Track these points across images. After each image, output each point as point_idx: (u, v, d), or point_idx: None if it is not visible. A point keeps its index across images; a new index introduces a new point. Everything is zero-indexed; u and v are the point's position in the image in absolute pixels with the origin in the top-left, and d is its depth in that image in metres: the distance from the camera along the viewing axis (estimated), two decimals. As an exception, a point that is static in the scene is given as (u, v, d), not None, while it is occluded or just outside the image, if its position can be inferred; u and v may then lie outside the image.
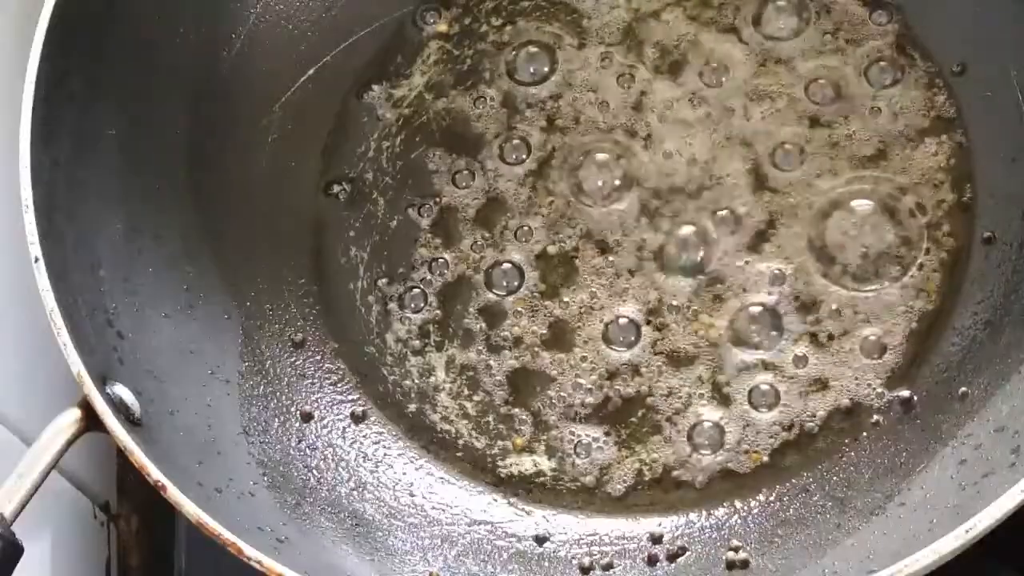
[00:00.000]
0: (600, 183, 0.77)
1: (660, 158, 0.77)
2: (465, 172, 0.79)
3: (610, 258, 0.76)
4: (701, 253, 0.75)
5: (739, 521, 0.69)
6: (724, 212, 0.76)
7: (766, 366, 0.72)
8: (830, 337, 0.72)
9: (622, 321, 0.74)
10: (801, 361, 0.72)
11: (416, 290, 0.77)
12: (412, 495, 0.72)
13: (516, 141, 0.79)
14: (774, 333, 0.73)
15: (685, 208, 0.76)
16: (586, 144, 0.78)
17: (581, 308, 0.75)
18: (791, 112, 0.77)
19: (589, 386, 0.73)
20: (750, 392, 0.72)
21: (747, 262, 0.74)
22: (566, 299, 0.75)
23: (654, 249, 0.75)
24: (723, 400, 0.72)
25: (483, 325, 0.75)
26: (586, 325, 0.75)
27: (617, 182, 0.77)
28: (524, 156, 0.79)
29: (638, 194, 0.76)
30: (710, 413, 0.72)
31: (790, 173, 0.76)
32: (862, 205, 0.75)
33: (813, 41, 0.78)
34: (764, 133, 0.77)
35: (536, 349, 0.74)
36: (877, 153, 0.75)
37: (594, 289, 0.75)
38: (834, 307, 0.73)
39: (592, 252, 0.76)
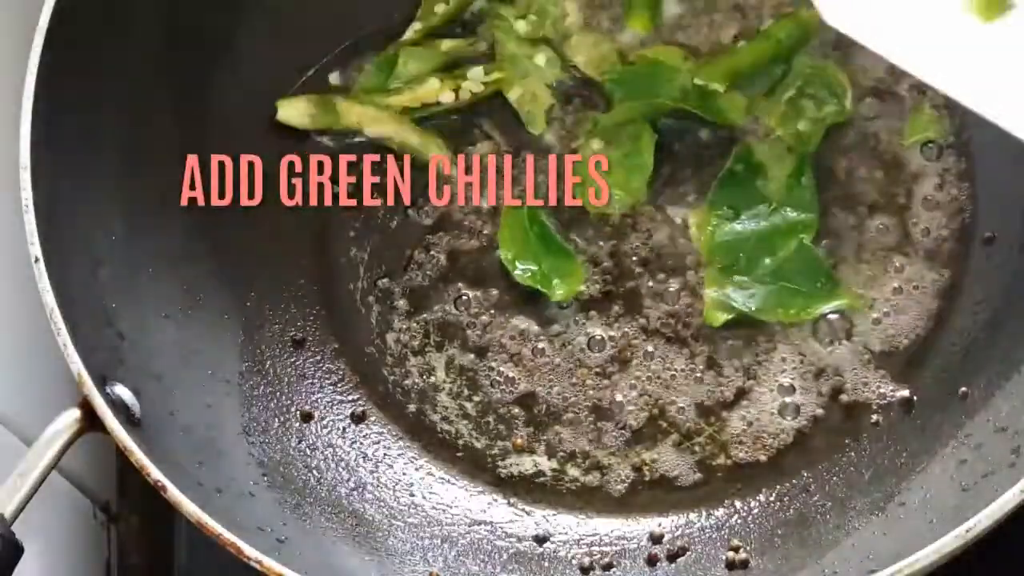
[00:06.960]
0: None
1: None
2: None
3: (606, 264, 0.76)
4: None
5: (739, 521, 0.69)
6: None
7: (765, 366, 0.72)
8: (829, 338, 0.72)
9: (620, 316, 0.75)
10: (801, 361, 0.72)
11: (416, 290, 0.77)
12: (412, 495, 0.72)
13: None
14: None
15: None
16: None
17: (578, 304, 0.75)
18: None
19: (589, 385, 0.73)
20: (750, 392, 0.72)
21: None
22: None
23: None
24: (724, 399, 0.72)
25: (483, 325, 0.75)
26: (586, 321, 0.75)
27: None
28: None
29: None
30: (710, 412, 0.72)
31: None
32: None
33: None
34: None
35: (536, 348, 0.74)
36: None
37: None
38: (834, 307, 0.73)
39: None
